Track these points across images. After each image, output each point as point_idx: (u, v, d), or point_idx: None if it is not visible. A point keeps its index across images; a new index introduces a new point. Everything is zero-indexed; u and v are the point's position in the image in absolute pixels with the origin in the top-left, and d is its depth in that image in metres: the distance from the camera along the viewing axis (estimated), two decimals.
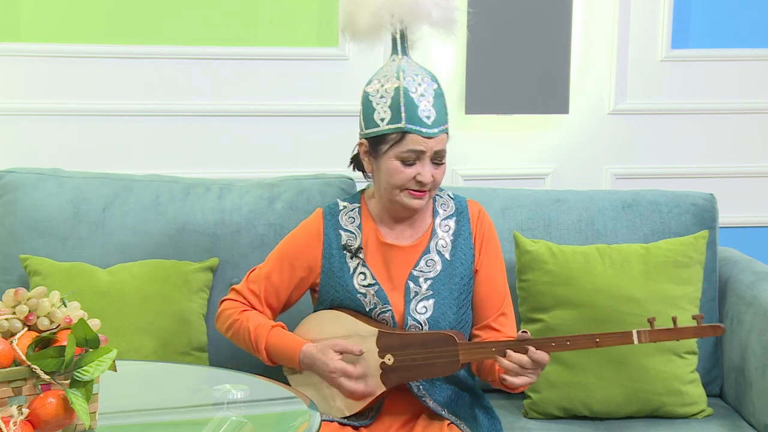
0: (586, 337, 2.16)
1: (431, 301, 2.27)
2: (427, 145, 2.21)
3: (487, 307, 2.34)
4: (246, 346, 2.33)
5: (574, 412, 2.60)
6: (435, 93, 2.25)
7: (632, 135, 3.30)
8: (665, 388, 2.56)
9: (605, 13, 3.24)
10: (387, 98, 2.23)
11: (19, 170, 2.81)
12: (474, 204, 2.39)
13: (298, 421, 1.92)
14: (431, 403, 2.26)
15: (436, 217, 2.35)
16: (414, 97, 2.22)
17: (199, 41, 3.14)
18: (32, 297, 1.78)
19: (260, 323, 2.31)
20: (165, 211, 2.76)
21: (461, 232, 2.34)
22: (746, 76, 3.30)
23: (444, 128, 2.24)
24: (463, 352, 2.18)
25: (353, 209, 2.36)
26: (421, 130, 2.21)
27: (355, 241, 2.32)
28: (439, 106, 2.24)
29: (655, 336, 2.13)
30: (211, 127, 3.18)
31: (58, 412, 1.71)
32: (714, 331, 2.14)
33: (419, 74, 2.26)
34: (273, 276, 2.35)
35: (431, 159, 2.22)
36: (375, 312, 2.28)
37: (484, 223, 2.37)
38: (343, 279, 2.31)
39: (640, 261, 2.62)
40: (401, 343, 2.21)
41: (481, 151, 3.26)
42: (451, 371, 2.21)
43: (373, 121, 2.25)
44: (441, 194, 2.38)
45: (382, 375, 2.22)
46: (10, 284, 2.65)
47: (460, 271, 2.31)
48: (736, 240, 3.31)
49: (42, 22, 3.08)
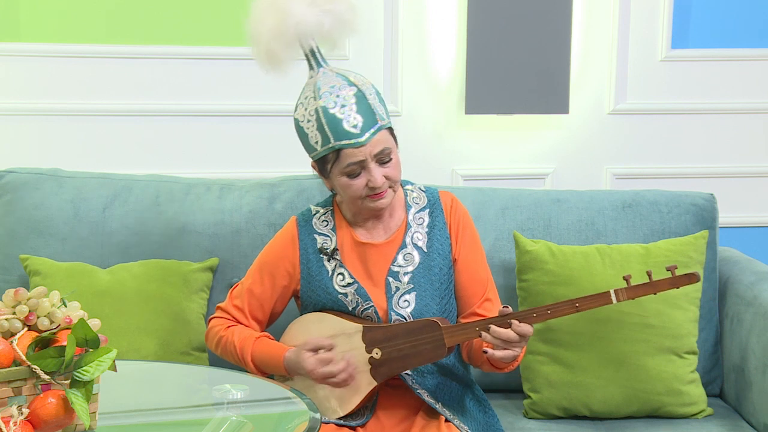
0: (566, 303, 2.17)
1: (413, 294, 2.29)
2: (363, 152, 2.20)
3: (470, 294, 2.35)
4: (235, 361, 2.35)
5: (574, 412, 2.60)
6: (356, 98, 2.21)
7: (632, 135, 3.30)
8: (665, 388, 2.57)
9: (605, 13, 3.24)
10: (312, 121, 2.23)
11: (19, 170, 2.81)
12: (446, 194, 2.40)
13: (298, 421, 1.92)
14: (425, 396, 2.27)
15: (409, 211, 2.35)
16: (335, 113, 2.20)
17: (199, 41, 3.14)
18: (32, 297, 1.78)
19: (245, 336, 2.33)
20: (165, 211, 2.76)
21: (436, 223, 2.35)
22: (746, 76, 3.30)
23: (376, 128, 2.21)
24: (447, 335, 2.19)
25: (326, 212, 2.38)
26: (352, 142, 2.20)
27: (330, 244, 2.34)
28: (364, 110, 2.21)
29: (633, 292, 2.15)
30: (211, 127, 3.18)
31: (58, 412, 1.71)
32: (689, 279, 2.15)
33: (335, 85, 2.23)
34: (255, 288, 2.37)
35: (376, 162, 2.22)
36: (358, 310, 2.29)
37: (458, 211, 2.38)
38: (322, 282, 2.32)
39: (640, 261, 2.62)
40: (386, 336, 2.22)
41: (481, 151, 3.26)
42: (438, 356, 2.21)
43: (310, 146, 2.26)
44: (413, 188, 2.39)
45: (371, 370, 2.23)
46: (10, 284, 2.66)
47: (439, 261, 2.32)
48: (736, 240, 3.31)
49: (42, 22, 3.08)
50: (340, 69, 2.29)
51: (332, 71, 2.27)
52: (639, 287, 2.16)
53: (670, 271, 2.14)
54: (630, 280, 2.14)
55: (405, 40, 3.19)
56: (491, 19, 3.14)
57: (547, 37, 3.16)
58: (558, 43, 3.16)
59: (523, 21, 3.14)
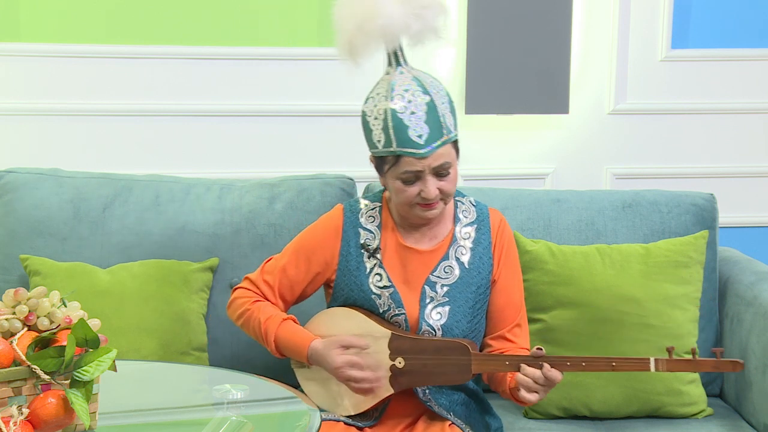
0: (603, 359, 2.14)
1: (446, 308, 2.26)
2: (423, 164, 2.17)
3: (502, 318, 2.32)
4: (255, 336, 2.31)
5: (574, 412, 2.60)
6: (427, 107, 2.18)
7: (632, 135, 3.30)
8: (665, 388, 2.57)
9: (605, 13, 3.24)
10: (379, 120, 2.20)
11: (19, 170, 2.81)
12: (496, 213, 2.37)
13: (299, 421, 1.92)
14: (436, 408, 2.26)
15: (457, 224, 2.32)
16: (403, 118, 2.17)
17: (199, 41, 3.14)
18: (32, 297, 1.78)
19: (271, 315, 2.29)
20: (165, 211, 2.76)
21: (481, 241, 2.31)
22: (746, 76, 3.30)
23: (440, 142, 2.17)
24: (476, 362, 2.17)
25: (374, 208, 2.34)
26: (414, 152, 2.16)
27: (373, 241, 2.30)
28: (432, 121, 2.17)
29: (673, 366, 2.11)
30: (211, 127, 3.18)
31: (58, 412, 1.71)
32: (734, 367, 2.10)
33: (410, 89, 2.20)
34: (289, 269, 2.33)
35: (433, 174, 2.19)
36: (388, 314, 2.26)
37: (505, 233, 2.35)
38: (358, 278, 2.29)
39: (640, 261, 2.62)
40: (414, 348, 2.20)
41: (481, 151, 3.26)
42: (461, 381, 2.19)
43: (372, 142, 2.23)
44: (463, 200, 2.36)
45: (391, 378, 2.21)
46: (10, 284, 2.65)
47: (477, 280, 2.29)
48: (736, 240, 3.31)
49: (42, 22, 3.08)
50: (418, 72, 2.25)
51: (410, 73, 2.24)
52: (680, 362, 2.12)
53: (715, 353, 2.10)
54: (672, 353, 2.10)
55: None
56: (491, 19, 3.14)
57: (547, 37, 3.16)
58: (558, 43, 3.16)
59: (523, 21, 3.14)
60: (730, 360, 2.10)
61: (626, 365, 2.13)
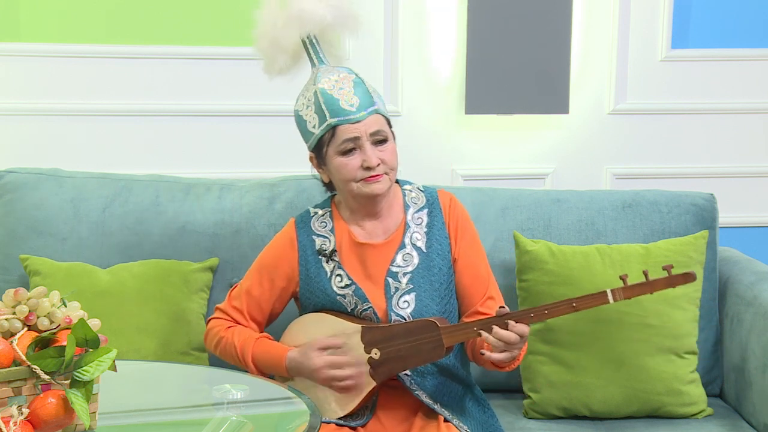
0: (563, 303, 2.16)
1: (412, 295, 2.29)
2: (358, 129, 2.23)
3: (472, 294, 2.35)
4: (235, 362, 2.35)
5: (574, 412, 2.60)
6: (354, 82, 2.27)
7: (632, 135, 3.30)
8: (665, 388, 2.57)
9: (605, 13, 3.24)
10: (311, 104, 2.28)
11: (19, 170, 2.81)
12: (445, 194, 2.40)
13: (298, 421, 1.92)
14: (424, 397, 2.27)
15: (408, 211, 2.36)
16: (332, 93, 2.25)
17: (199, 41, 3.14)
18: (32, 297, 1.78)
19: (245, 337, 2.34)
20: (165, 211, 2.76)
21: (435, 223, 2.35)
22: (746, 76, 3.30)
23: (372, 109, 2.25)
24: (446, 335, 2.19)
25: (324, 214, 2.38)
26: (347, 118, 2.23)
27: (329, 245, 2.34)
28: (361, 93, 2.25)
29: (629, 292, 2.14)
30: (211, 127, 3.18)
31: (58, 412, 1.71)
32: (685, 278, 2.14)
33: (334, 72, 2.29)
34: (253, 290, 2.38)
35: (371, 142, 2.24)
36: (357, 311, 2.29)
37: (457, 211, 2.38)
38: (321, 284, 2.32)
39: (640, 261, 2.62)
40: (385, 336, 2.22)
41: (481, 151, 3.26)
42: (437, 356, 2.21)
43: (309, 133, 2.29)
44: (411, 188, 2.40)
45: (370, 370, 2.23)
46: (10, 284, 2.65)
47: (438, 261, 2.32)
48: (736, 240, 3.31)
49: (42, 22, 3.08)
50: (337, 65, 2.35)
51: (331, 66, 2.33)
52: (635, 287, 2.15)
53: (667, 270, 2.13)
54: (627, 280, 2.14)
55: (405, 40, 3.19)
56: (491, 19, 3.14)
57: (547, 37, 3.16)
58: (558, 43, 3.16)
59: (523, 21, 3.14)
60: (681, 273, 2.14)
61: (586, 302, 2.16)
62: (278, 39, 2.36)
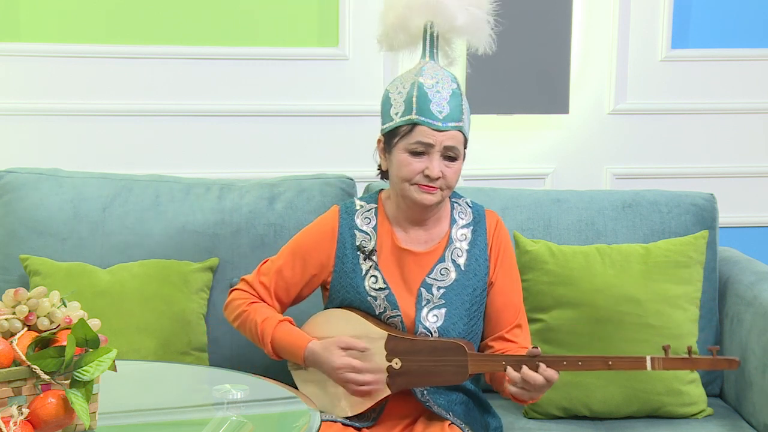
0: (599, 358, 2.12)
1: (443, 311, 2.25)
2: (435, 138, 2.19)
3: (501, 319, 2.32)
4: (252, 338, 2.31)
5: (574, 412, 2.60)
6: (452, 92, 2.23)
7: (632, 135, 3.30)
8: (665, 388, 2.57)
9: (605, 13, 3.24)
10: (403, 93, 2.23)
11: (19, 170, 2.81)
12: (492, 214, 2.36)
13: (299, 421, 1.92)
14: (435, 408, 2.26)
15: (454, 225, 2.32)
16: (428, 92, 2.21)
17: (199, 41, 3.14)
18: (32, 297, 1.78)
19: (268, 316, 2.29)
20: (165, 211, 2.76)
21: (477, 242, 2.31)
22: (746, 76, 3.30)
23: (457, 125, 2.21)
24: (472, 363, 2.17)
25: (370, 209, 2.33)
26: (431, 122, 2.19)
27: (369, 243, 2.29)
28: (454, 105, 2.21)
29: (670, 364, 2.09)
30: (211, 127, 3.18)
31: (58, 412, 1.71)
32: (729, 365, 2.08)
33: (440, 73, 2.25)
34: (285, 271, 2.33)
35: (441, 154, 2.20)
36: (385, 316, 2.26)
37: (501, 234, 2.34)
38: (354, 280, 2.28)
39: (640, 261, 2.62)
40: (410, 349, 2.19)
41: (481, 151, 3.26)
42: (457, 381, 2.19)
43: (389, 116, 2.25)
44: (459, 201, 2.36)
45: (388, 378, 2.21)
46: (10, 284, 2.65)
47: (474, 282, 2.29)
48: (736, 240, 3.31)
49: (42, 22, 3.08)
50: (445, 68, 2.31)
51: (439, 65, 2.29)
52: (677, 360, 2.09)
53: (711, 352, 2.07)
54: (668, 351, 2.08)
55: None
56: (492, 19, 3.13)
57: (547, 37, 3.16)
58: (558, 43, 3.16)
59: (523, 21, 3.14)
60: (725, 358, 2.09)
61: (622, 364, 2.12)
62: (406, 18, 2.29)
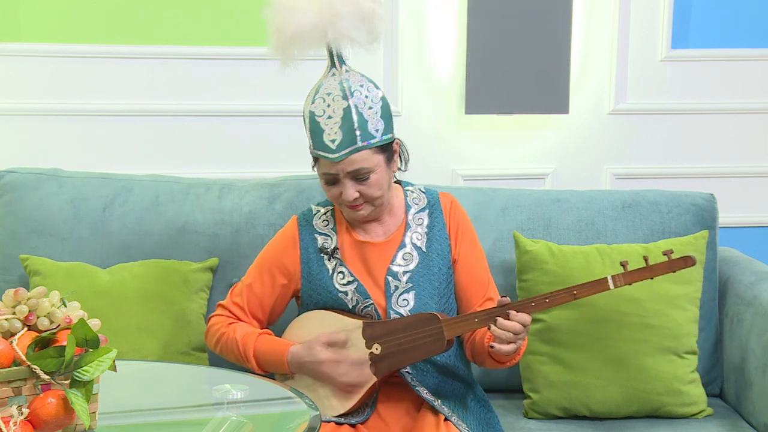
0: (564, 291, 2.19)
1: (412, 294, 2.30)
2: (336, 168, 2.22)
3: (471, 295, 2.37)
4: (235, 358, 2.35)
5: (574, 412, 2.60)
6: (344, 112, 2.21)
7: (632, 135, 3.30)
8: (665, 388, 2.57)
9: (605, 13, 3.24)
10: (305, 121, 2.27)
11: (19, 170, 2.81)
12: (446, 195, 2.42)
13: (299, 421, 1.92)
14: (424, 393, 2.27)
15: (409, 211, 2.37)
16: (320, 122, 2.23)
17: (199, 41, 3.14)
18: (32, 297, 1.78)
19: (247, 332, 2.34)
20: (165, 211, 2.76)
21: (435, 224, 2.36)
22: (746, 76, 3.30)
23: (351, 149, 2.20)
24: (447, 327, 2.20)
25: (327, 212, 2.40)
26: (326, 155, 2.22)
27: (330, 243, 2.35)
28: (346, 128, 2.20)
29: (629, 277, 2.17)
30: (211, 127, 3.18)
31: (58, 412, 1.71)
32: (685, 262, 2.16)
33: (332, 93, 2.23)
34: (255, 286, 2.38)
35: (351, 178, 2.23)
36: (358, 308, 2.31)
37: (457, 213, 2.39)
38: (323, 281, 2.33)
39: (640, 261, 2.62)
40: (386, 330, 2.23)
41: (481, 151, 3.26)
42: (438, 349, 2.21)
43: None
44: (413, 189, 2.41)
45: (372, 365, 2.24)
46: (10, 284, 2.66)
47: (438, 261, 2.33)
48: (736, 240, 3.31)
49: (42, 22, 3.08)
50: (351, 75, 2.26)
51: (340, 76, 2.26)
52: (636, 272, 2.17)
53: (667, 255, 2.16)
54: (627, 266, 2.16)
55: (405, 40, 3.19)
56: (491, 19, 3.13)
57: (547, 37, 3.16)
58: (558, 43, 3.16)
59: (523, 21, 3.14)
60: (681, 257, 2.16)
61: (586, 290, 2.18)
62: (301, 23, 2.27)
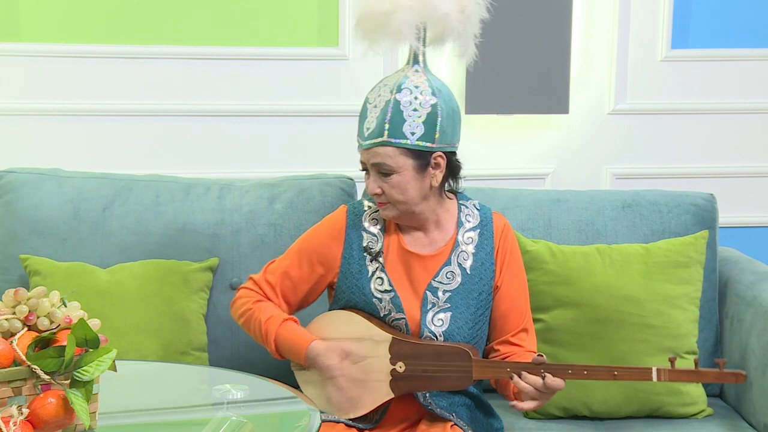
0: (604, 368, 2.12)
1: (448, 314, 2.24)
2: (364, 156, 2.21)
3: (507, 323, 2.31)
4: (255, 336, 2.31)
5: (574, 412, 2.60)
6: (385, 105, 2.17)
7: (632, 135, 3.30)
8: (665, 388, 2.56)
9: (605, 13, 3.24)
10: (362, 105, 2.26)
11: (19, 170, 2.81)
12: (499, 217, 2.35)
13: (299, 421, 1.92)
14: (438, 410, 2.25)
15: (460, 228, 2.30)
16: (368, 108, 2.22)
17: (199, 41, 3.14)
18: (32, 297, 1.78)
19: (272, 315, 2.28)
20: (165, 211, 2.76)
21: (484, 246, 2.30)
22: (746, 76, 3.30)
23: (376, 141, 2.16)
24: (477, 368, 2.16)
25: (377, 211, 2.31)
26: (360, 141, 2.22)
27: (376, 245, 2.28)
28: (380, 119, 2.17)
29: (676, 376, 2.08)
30: (211, 127, 3.18)
31: (58, 412, 1.71)
32: (736, 379, 2.06)
33: (388, 84, 2.21)
34: (291, 270, 2.32)
35: (376, 171, 2.20)
36: (389, 318, 2.25)
37: (508, 238, 2.33)
38: (360, 282, 2.27)
39: (640, 261, 2.62)
40: (414, 353, 2.19)
41: (481, 151, 3.26)
42: (461, 386, 2.19)
43: None
44: (467, 204, 2.34)
45: (391, 382, 2.21)
46: (10, 284, 2.66)
47: (479, 286, 2.28)
48: (736, 240, 3.31)
49: (42, 22, 3.08)
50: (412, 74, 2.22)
51: (405, 71, 2.23)
52: (683, 372, 2.08)
53: (718, 364, 2.07)
54: (675, 363, 2.08)
55: None
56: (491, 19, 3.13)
57: (547, 37, 3.16)
58: (558, 43, 3.16)
59: (523, 21, 3.14)
60: (732, 372, 2.07)
61: (628, 374, 2.11)
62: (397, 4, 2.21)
